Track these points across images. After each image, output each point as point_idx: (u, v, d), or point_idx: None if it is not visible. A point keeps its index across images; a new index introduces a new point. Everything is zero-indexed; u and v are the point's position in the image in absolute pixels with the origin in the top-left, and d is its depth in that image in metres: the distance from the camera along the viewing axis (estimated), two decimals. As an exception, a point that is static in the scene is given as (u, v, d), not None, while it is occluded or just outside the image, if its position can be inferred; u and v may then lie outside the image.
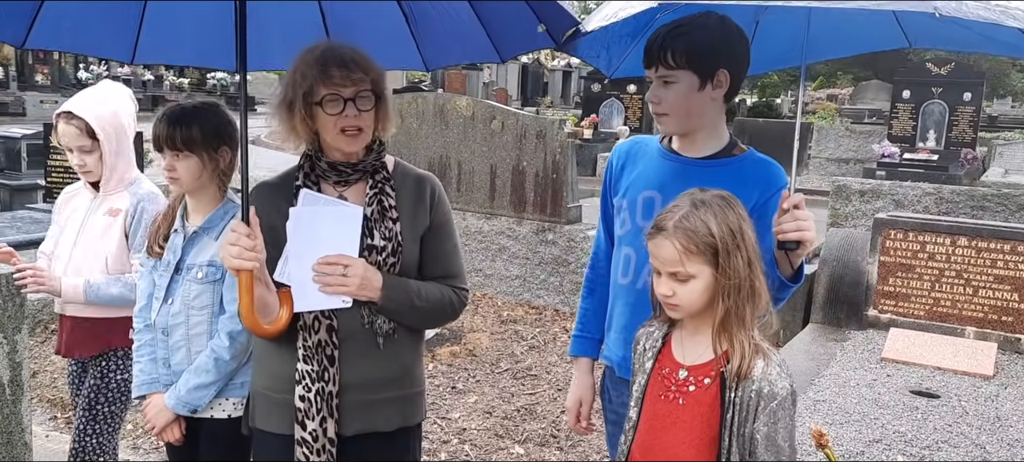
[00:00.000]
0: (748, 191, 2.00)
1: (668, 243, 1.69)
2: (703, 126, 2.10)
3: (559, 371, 5.25)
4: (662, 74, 2.02)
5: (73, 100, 2.89)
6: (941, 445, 3.64)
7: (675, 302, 1.73)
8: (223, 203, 2.49)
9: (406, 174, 2.17)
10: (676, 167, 2.11)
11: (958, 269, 5.62)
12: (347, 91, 1.96)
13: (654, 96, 2.06)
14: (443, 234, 2.16)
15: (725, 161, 2.10)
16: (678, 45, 1.97)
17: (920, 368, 4.77)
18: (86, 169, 2.87)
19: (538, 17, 2.28)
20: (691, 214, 1.70)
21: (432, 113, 7.26)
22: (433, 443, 4.13)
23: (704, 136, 2.11)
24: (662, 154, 2.17)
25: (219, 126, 2.44)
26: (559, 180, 6.72)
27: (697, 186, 1.95)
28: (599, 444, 4.19)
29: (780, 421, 1.68)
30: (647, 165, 2.18)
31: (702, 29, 1.98)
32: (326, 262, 1.97)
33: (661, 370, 1.81)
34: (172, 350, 2.41)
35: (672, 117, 2.06)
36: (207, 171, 2.42)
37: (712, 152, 2.11)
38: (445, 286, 2.13)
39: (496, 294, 7.01)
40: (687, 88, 2.01)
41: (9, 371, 2.90)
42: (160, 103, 27.80)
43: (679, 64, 1.98)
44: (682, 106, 2.03)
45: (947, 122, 13.13)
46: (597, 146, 16.08)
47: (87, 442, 2.87)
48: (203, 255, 2.40)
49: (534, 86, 30.05)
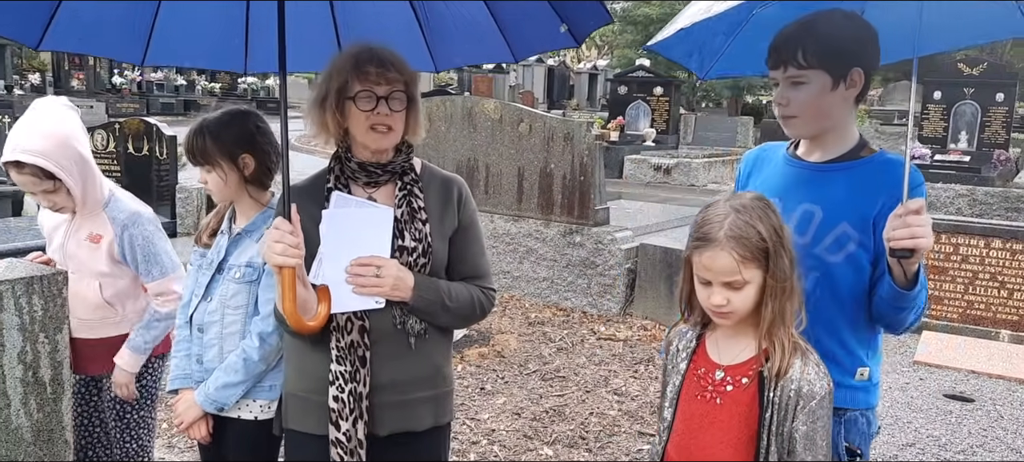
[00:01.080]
0: (873, 195, 1.90)
1: (724, 253, 1.68)
2: (833, 128, 1.98)
3: (587, 373, 5.25)
4: (792, 74, 1.91)
5: (14, 141, 2.58)
6: (976, 450, 3.60)
7: (729, 310, 1.72)
8: (267, 207, 2.49)
9: (433, 176, 2.19)
10: (796, 173, 2.03)
11: (992, 271, 5.54)
12: (381, 89, 1.99)
13: (782, 98, 1.95)
14: (470, 235, 2.18)
15: (847, 165, 1.98)
16: (809, 44, 1.87)
17: (954, 371, 4.72)
18: (59, 207, 2.73)
19: (560, 17, 2.26)
20: (738, 221, 1.69)
21: (460, 116, 7.29)
22: (462, 444, 4.15)
23: (833, 139, 1.99)
24: (786, 160, 2.08)
25: (238, 134, 2.42)
26: (586, 182, 6.72)
27: (817, 192, 1.94)
28: (628, 446, 4.19)
29: (819, 420, 1.68)
30: (771, 171, 2.11)
31: (834, 26, 1.88)
32: (360, 263, 1.98)
33: (696, 371, 1.82)
34: (205, 347, 2.45)
35: (800, 120, 1.95)
36: (232, 181, 2.43)
37: (836, 156, 2.00)
38: (473, 286, 2.15)
39: (524, 296, 7.02)
40: (819, 89, 1.91)
41: (51, 370, 2.96)
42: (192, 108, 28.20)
43: (811, 64, 1.88)
44: (812, 108, 1.93)
45: (979, 123, 12.94)
46: (623, 148, 16.05)
47: (129, 448, 2.92)
48: (244, 256, 2.43)
49: (560, 88, 30.03)
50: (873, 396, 2.01)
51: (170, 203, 8.14)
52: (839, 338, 1.95)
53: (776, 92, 1.98)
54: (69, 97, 11.01)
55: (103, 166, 8.72)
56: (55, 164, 2.57)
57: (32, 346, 2.87)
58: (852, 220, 1.91)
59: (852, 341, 1.96)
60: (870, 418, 2.01)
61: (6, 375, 2.81)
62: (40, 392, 2.91)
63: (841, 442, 1.96)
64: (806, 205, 1.95)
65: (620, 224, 7.13)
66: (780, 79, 1.95)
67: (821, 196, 1.96)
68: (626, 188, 13.59)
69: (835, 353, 1.94)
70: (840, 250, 1.92)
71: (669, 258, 6.34)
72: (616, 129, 16.69)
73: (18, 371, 2.84)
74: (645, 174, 15.18)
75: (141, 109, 25.75)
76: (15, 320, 2.81)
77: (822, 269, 1.93)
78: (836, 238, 1.93)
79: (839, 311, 1.94)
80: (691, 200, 11.86)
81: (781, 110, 1.96)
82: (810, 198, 1.96)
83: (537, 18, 2.26)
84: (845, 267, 1.92)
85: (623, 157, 15.53)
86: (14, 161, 2.57)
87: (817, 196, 1.96)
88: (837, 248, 1.92)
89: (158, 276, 2.79)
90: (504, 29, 2.38)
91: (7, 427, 2.83)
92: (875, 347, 2.03)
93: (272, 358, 2.40)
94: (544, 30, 2.30)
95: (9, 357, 2.81)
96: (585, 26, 2.27)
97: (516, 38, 2.41)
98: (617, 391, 4.95)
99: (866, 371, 1.98)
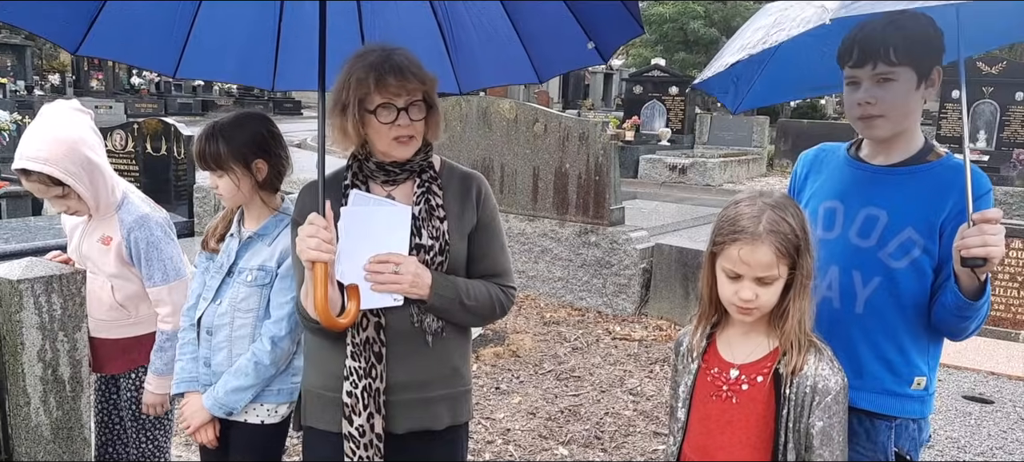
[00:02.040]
0: (939, 200, 1.86)
1: (765, 247, 1.67)
2: (908, 128, 1.93)
3: (602, 373, 5.25)
4: (882, 71, 1.83)
5: (22, 148, 2.58)
6: (995, 451, 3.58)
7: (756, 306, 1.71)
8: (278, 211, 2.49)
9: (453, 173, 2.19)
10: (862, 175, 1.98)
11: (1012, 272, 5.49)
12: (401, 100, 1.98)
13: (869, 96, 1.86)
14: (490, 232, 2.17)
15: (914, 169, 1.92)
16: (899, 41, 1.81)
17: (973, 373, 4.68)
18: (74, 211, 2.74)
19: (588, 34, 2.25)
20: (775, 216, 1.69)
21: (475, 116, 7.30)
22: (477, 443, 4.15)
23: (902, 141, 1.94)
24: (848, 162, 2.03)
25: (251, 139, 2.40)
26: (602, 182, 6.71)
27: (882, 195, 1.90)
28: (643, 446, 4.18)
29: (835, 416, 1.69)
30: (831, 173, 2.05)
31: (918, 24, 1.83)
32: (378, 260, 1.99)
33: (709, 370, 1.81)
34: (214, 350, 2.44)
35: (888, 119, 1.87)
36: (245, 185, 2.41)
37: (902, 159, 1.94)
38: (492, 284, 2.15)
39: (539, 296, 7.02)
40: (906, 86, 1.85)
41: (70, 368, 2.99)
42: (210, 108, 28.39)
43: (901, 60, 1.82)
44: (901, 106, 1.87)
45: (998, 122, 12.83)
46: (639, 148, 16.01)
47: (145, 448, 2.94)
48: (255, 259, 2.42)
49: (575, 88, 30.01)
50: (928, 406, 1.97)
51: (188, 203, 8.19)
52: (899, 345, 1.92)
53: (855, 93, 1.89)
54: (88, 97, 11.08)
55: (121, 166, 8.79)
56: (62, 171, 2.56)
57: (51, 344, 2.90)
58: (918, 225, 1.87)
59: (912, 349, 1.93)
60: (922, 425, 1.98)
61: (25, 373, 2.84)
62: (59, 390, 2.94)
63: (890, 446, 1.93)
64: (870, 208, 1.92)
65: (635, 224, 7.12)
66: (864, 78, 1.87)
67: (886, 200, 1.91)
68: (641, 188, 13.56)
69: (894, 361, 1.91)
70: (905, 256, 1.88)
71: (684, 258, 6.32)
72: (631, 129, 16.64)
73: (37, 369, 2.87)
74: (660, 174, 15.13)
75: (159, 109, 25.95)
76: (34, 319, 2.83)
77: (885, 274, 1.89)
78: (901, 243, 1.88)
79: (901, 318, 1.90)
80: (707, 200, 11.82)
81: (865, 110, 1.88)
82: (874, 201, 1.92)
83: (564, 37, 2.26)
84: (909, 273, 1.88)
85: (638, 157, 15.50)
86: (22, 169, 2.58)
87: (882, 199, 1.92)
88: (902, 253, 1.88)
89: (159, 282, 2.77)
90: (530, 50, 2.38)
91: (27, 425, 2.85)
92: (935, 356, 1.99)
93: (282, 362, 2.40)
94: (571, 48, 2.30)
95: (29, 355, 2.84)
96: (613, 41, 2.25)
97: (541, 58, 2.41)
98: (632, 391, 4.95)
99: (923, 380, 1.95)
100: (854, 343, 1.92)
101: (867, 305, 1.90)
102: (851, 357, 1.90)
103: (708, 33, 24.20)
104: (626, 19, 2.20)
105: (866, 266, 1.90)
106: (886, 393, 1.92)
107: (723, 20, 24.57)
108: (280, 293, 2.38)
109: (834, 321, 1.92)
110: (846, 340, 1.91)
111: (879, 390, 1.92)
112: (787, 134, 17.76)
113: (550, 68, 2.45)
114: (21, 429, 2.84)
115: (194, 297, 2.54)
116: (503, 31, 2.35)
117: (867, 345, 1.91)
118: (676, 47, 25.61)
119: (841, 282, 1.93)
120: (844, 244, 1.94)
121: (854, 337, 1.92)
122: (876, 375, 1.92)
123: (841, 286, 1.93)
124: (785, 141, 17.50)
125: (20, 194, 9.50)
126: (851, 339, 1.92)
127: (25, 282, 2.80)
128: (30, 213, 9.36)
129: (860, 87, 1.88)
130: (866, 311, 1.91)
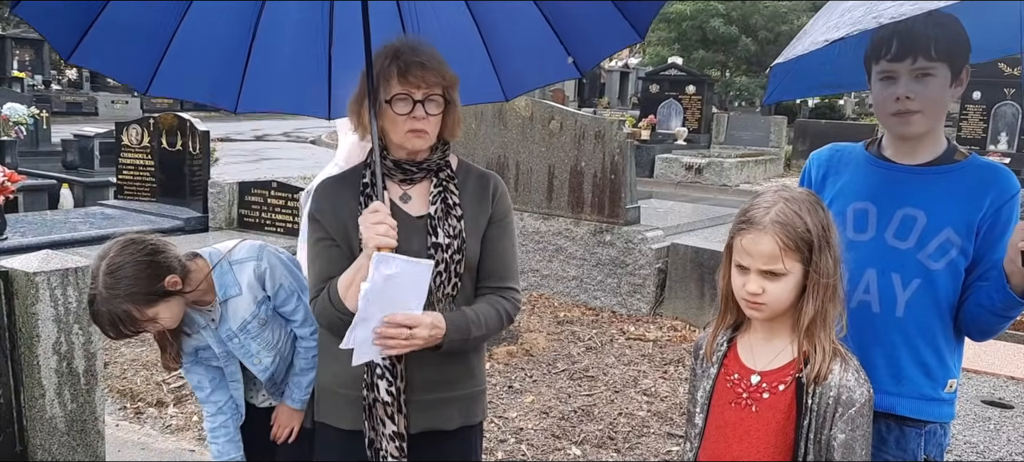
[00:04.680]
0: (976, 200, 1.84)
1: (767, 238, 1.65)
2: (937, 128, 1.91)
3: (616, 373, 5.22)
4: (921, 66, 1.80)
5: None
6: (1015, 457, 3.53)
7: (763, 301, 1.67)
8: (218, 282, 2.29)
9: (469, 172, 2.17)
10: (891, 175, 1.93)
11: (1033, 276, 5.42)
12: (419, 93, 1.97)
13: (909, 91, 1.82)
14: (501, 229, 2.15)
15: (946, 168, 1.89)
16: (940, 36, 1.78)
17: (992, 377, 4.63)
18: None
19: (567, 49, 2.23)
20: (786, 209, 1.66)
21: (491, 113, 7.28)
22: (490, 442, 4.14)
23: (930, 140, 1.91)
24: (872, 162, 1.98)
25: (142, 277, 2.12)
26: (617, 181, 6.67)
27: (918, 196, 1.87)
28: (657, 447, 4.15)
29: (859, 428, 1.64)
30: (854, 174, 2.00)
31: (953, 21, 1.81)
32: (393, 323, 1.88)
33: (729, 376, 1.77)
34: (264, 371, 2.41)
35: (924, 115, 1.84)
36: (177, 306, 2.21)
37: (931, 159, 1.91)
38: (497, 297, 2.11)
39: (553, 295, 7.00)
40: (942, 83, 1.82)
41: (84, 361, 3.00)
42: (224, 104, 28.40)
43: (940, 56, 1.80)
44: (939, 103, 1.84)
45: (1020, 124, 12.69)
46: (655, 147, 15.97)
47: None
48: (241, 313, 2.31)
49: (591, 87, 29.93)
50: (953, 408, 1.96)
51: (202, 198, 8.23)
52: (936, 348, 1.89)
53: (892, 87, 1.85)
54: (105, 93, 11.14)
55: (137, 161, 8.85)
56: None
57: (66, 337, 2.91)
58: (957, 225, 1.85)
59: (946, 352, 1.90)
60: (947, 429, 1.96)
61: (41, 365, 2.85)
62: (74, 383, 2.95)
63: (920, 453, 1.90)
64: (908, 209, 1.88)
65: (651, 223, 7.07)
66: (903, 72, 1.82)
67: (923, 200, 1.88)
68: (657, 187, 13.51)
69: (930, 364, 1.88)
70: (943, 257, 1.85)
71: (700, 258, 6.28)
72: (647, 128, 16.61)
73: (52, 362, 2.88)
74: (676, 173, 15.08)
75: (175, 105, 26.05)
76: (50, 311, 2.85)
77: (925, 276, 1.86)
78: (940, 244, 1.86)
79: (938, 320, 1.87)
80: (723, 200, 11.76)
81: (902, 105, 1.83)
82: (911, 202, 1.88)
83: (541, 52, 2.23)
84: (946, 274, 1.86)
85: (654, 156, 15.44)
86: None
87: (919, 200, 1.88)
88: (940, 255, 1.85)
89: None
90: (498, 67, 2.33)
91: (41, 417, 2.87)
92: (960, 357, 1.97)
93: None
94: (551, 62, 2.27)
95: (44, 348, 2.85)
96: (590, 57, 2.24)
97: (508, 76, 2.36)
98: (646, 391, 4.92)
99: (954, 382, 1.93)
100: (895, 348, 1.88)
101: (908, 308, 1.86)
102: (891, 363, 1.87)
103: (727, 31, 24.07)
104: (621, 27, 2.16)
105: (906, 268, 1.86)
106: (924, 398, 1.89)
107: (742, 18, 24.43)
108: (285, 305, 2.37)
109: (874, 326, 1.88)
110: (888, 345, 1.88)
111: (917, 395, 1.88)
112: (805, 134, 17.66)
113: (517, 87, 2.40)
114: (36, 421, 2.86)
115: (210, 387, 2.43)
116: (476, 51, 2.30)
117: (907, 349, 1.88)
118: (694, 45, 25.49)
119: (879, 285, 1.89)
120: (880, 246, 1.90)
121: (895, 342, 1.88)
122: (915, 380, 1.88)
123: (879, 289, 1.89)
124: (803, 141, 17.39)
125: (37, 187, 9.58)
126: (893, 344, 1.88)
127: (41, 275, 2.82)
128: (47, 207, 9.44)
129: (898, 82, 1.84)
130: (907, 314, 1.87)
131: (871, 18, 1.50)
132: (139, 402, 4.50)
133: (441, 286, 2.02)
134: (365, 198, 2.06)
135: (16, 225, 7.29)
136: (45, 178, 10.04)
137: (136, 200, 8.78)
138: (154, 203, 8.68)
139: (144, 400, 4.51)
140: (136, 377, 4.79)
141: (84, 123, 16.64)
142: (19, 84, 21.86)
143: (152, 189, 8.81)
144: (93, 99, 24.49)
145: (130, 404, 4.50)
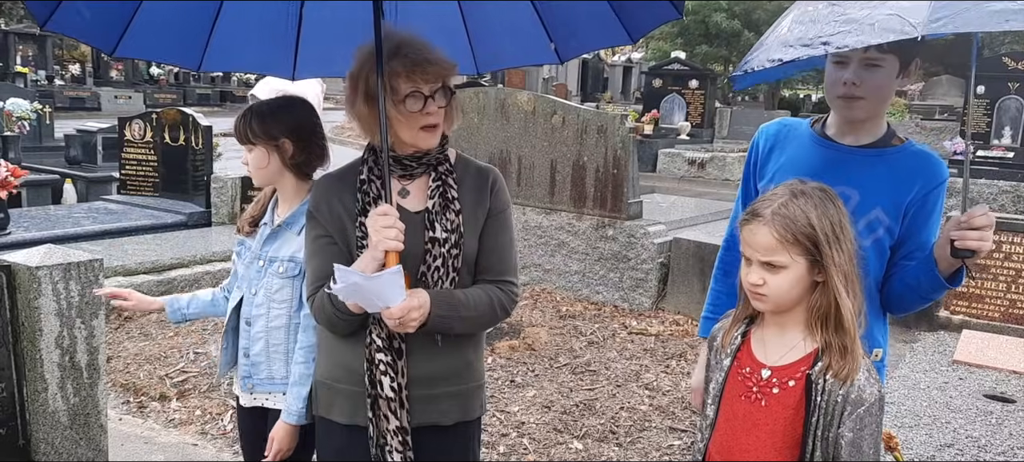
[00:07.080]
0: (907, 183, 1.97)
1: (765, 230, 1.66)
2: (879, 115, 2.04)
3: (618, 367, 5.22)
4: (871, 56, 1.92)
5: None
6: (1017, 451, 3.53)
7: (764, 292, 1.69)
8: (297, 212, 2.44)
9: (468, 166, 2.16)
10: (832, 155, 2.05)
11: (1036, 270, 5.41)
12: (427, 88, 1.96)
13: (855, 77, 1.95)
14: (499, 223, 2.13)
15: (883, 151, 2.03)
16: None
17: (994, 371, 4.63)
18: None
19: (550, 36, 2.25)
20: (790, 203, 1.67)
21: (493, 108, 7.27)
22: (492, 436, 4.15)
23: (871, 125, 2.04)
24: (815, 140, 2.10)
25: (285, 119, 2.41)
26: (620, 176, 6.67)
27: (854, 175, 1.97)
28: (659, 441, 4.16)
29: (867, 427, 1.63)
30: (797, 150, 2.12)
31: None
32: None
33: (741, 369, 1.77)
34: (252, 340, 2.44)
35: (868, 102, 1.98)
36: (273, 162, 2.40)
37: (870, 141, 2.04)
38: (493, 287, 2.09)
39: (555, 289, 7.00)
40: (889, 74, 1.95)
41: (87, 355, 3.01)
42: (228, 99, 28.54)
43: (891, 48, 1.90)
44: (882, 91, 1.97)
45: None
46: (658, 142, 15.95)
47: None
48: (286, 249, 2.41)
49: (594, 81, 29.90)
50: (883, 375, 2.09)
51: (205, 193, 8.23)
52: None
53: (841, 72, 1.98)
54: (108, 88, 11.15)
55: (140, 155, 8.86)
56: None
57: (69, 331, 2.92)
58: (886, 206, 1.97)
59: (873, 324, 2.00)
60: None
61: (43, 359, 2.86)
62: (76, 377, 2.96)
63: None
64: (842, 187, 1.96)
65: (653, 218, 7.07)
66: (854, 59, 1.95)
67: (858, 180, 1.99)
68: (660, 182, 13.49)
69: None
70: (871, 235, 1.98)
71: (702, 253, 6.28)
72: (650, 122, 16.57)
73: (55, 355, 2.89)
74: (679, 168, 15.06)
75: (178, 100, 26.15)
76: (52, 305, 2.86)
77: None
78: (868, 222, 1.97)
79: (865, 294, 1.93)
80: (726, 195, 11.74)
81: (849, 89, 1.96)
82: (847, 181, 1.98)
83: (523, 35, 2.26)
84: (872, 252, 1.98)
85: (657, 151, 15.43)
86: None
87: (854, 179, 1.99)
88: (868, 232, 1.97)
89: None
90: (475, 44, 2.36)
91: (44, 411, 2.88)
92: (885, 328, 2.12)
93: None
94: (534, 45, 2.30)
95: (46, 341, 2.86)
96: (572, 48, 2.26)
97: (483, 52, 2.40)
98: (648, 386, 4.92)
99: (879, 352, 2.06)
100: None
101: None
102: None
103: (730, 26, 24.03)
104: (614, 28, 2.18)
105: None
106: None
107: (744, 13, 24.38)
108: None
109: None
110: None
111: None
112: (807, 128, 17.60)
113: (487, 64, 2.45)
114: (39, 415, 2.87)
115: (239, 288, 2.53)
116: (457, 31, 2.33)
117: None
118: (698, 40, 25.45)
119: None
120: None
121: None
122: None
123: None
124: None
125: (40, 183, 9.60)
126: None
127: (44, 269, 2.83)
128: (50, 202, 9.46)
129: (848, 67, 1.97)
130: None
131: (820, 44, 1.66)
132: (142, 396, 4.51)
133: (439, 281, 2.01)
134: (362, 195, 2.05)
135: (19, 220, 7.30)
136: (48, 173, 10.06)
137: (139, 195, 8.79)
138: (157, 198, 8.68)
139: (147, 394, 4.53)
140: (139, 371, 4.80)
141: (87, 118, 16.68)
142: (22, 79, 21.88)
143: (155, 184, 8.81)
144: (96, 94, 24.54)
145: (133, 398, 4.51)
